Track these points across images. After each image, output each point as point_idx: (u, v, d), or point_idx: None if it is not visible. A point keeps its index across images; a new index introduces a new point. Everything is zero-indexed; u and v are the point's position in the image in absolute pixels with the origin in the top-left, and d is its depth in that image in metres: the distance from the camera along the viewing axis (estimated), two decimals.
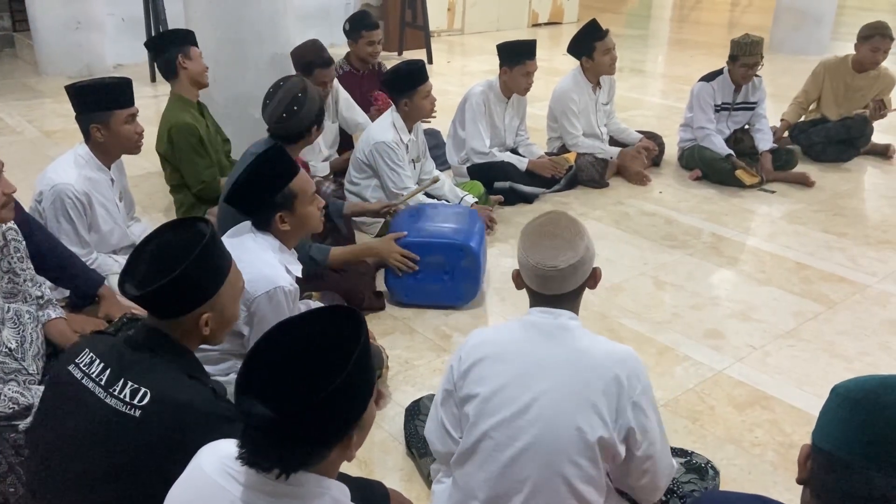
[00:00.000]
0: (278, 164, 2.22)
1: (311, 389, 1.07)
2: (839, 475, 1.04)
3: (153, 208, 4.11)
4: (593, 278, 1.73)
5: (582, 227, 1.71)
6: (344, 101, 4.22)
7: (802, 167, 4.79)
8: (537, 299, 1.73)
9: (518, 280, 1.77)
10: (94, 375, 1.49)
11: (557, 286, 1.67)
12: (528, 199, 4.30)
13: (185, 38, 3.51)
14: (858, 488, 1.02)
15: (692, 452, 2.14)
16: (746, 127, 4.81)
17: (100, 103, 2.76)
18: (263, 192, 2.18)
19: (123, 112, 2.79)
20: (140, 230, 3.10)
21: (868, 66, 4.86)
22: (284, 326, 1.20)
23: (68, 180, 2.72)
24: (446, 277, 3.12)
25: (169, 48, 3.49)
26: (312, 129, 2.89)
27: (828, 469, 1.06)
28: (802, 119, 5.20)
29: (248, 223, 2.28)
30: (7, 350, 2.06)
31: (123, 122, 2.79)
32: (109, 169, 2.91)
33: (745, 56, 4.47)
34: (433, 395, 1.95)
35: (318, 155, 4.09)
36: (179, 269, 1.47)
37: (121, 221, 2.97)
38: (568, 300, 1.70)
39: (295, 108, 2.81)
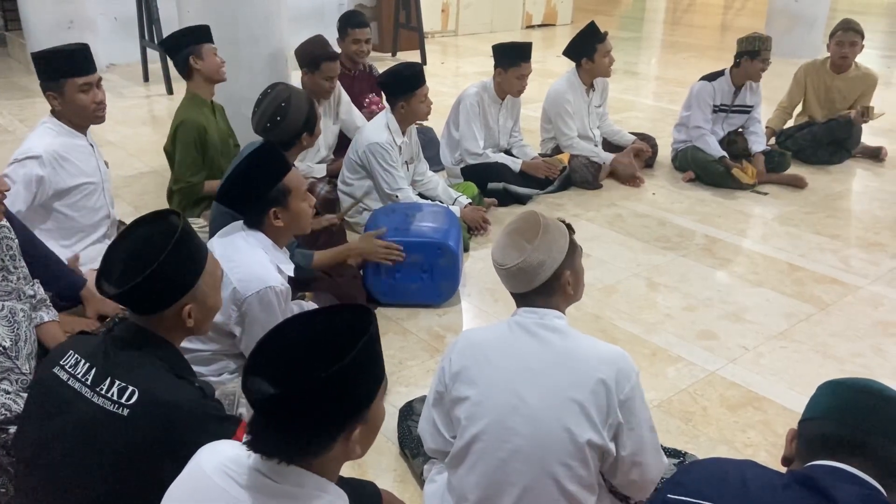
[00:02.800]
0: (272, 160, 2.22)
1: (313, 370, 1.09)
2: (813, 429, 1.26)
3: (145, 208, 4.08)
4: (562, 280, 1.70)
5: (540, 231, 1.68)
6: (345, 104, 4.21)
7: (795, 169, 4.81)
8: (514, 297, 1.76)
9: None
10: (79, 376, 1.49)
11: (514, 284, 1.71)
12: (522, 200, 4.30)
13: (198, 37, 3.47)
14: (826, 432, 1.24)
15: (685, 453, 2.15)
16: (740, 130, 4.83)
17: (53, 71, 2.71)
18: (258, 187, 2.17)
19: (77, 80, 2.72)
20: None
21: (837, 63, 4.91)
22: (297, 318, 1.23)
23: (38, 150, 2.69)
24: (425, 276, 3.12)
25: (182, 49, 3.47)
26: (302, 137, 2.87)
27: (808, 431, 1.28)
28: (790, 124, 5.23)
29: (238, 223, 2.27)
30: (1, 348, 2.04)
31: (78, 91, 2.73)
32: (85, 135, 2.87)
33: (766, 50, 4.49)
34: (426, 397, 1.95)
35: (315, 155, 4.08)
36: (156, 263, 1.47)
37: (105, 188, 2.96)
38: (538, 299, 1.71)
39: (278, 118, 2.82)
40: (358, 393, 1.16)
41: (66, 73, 2.71)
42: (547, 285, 1.69)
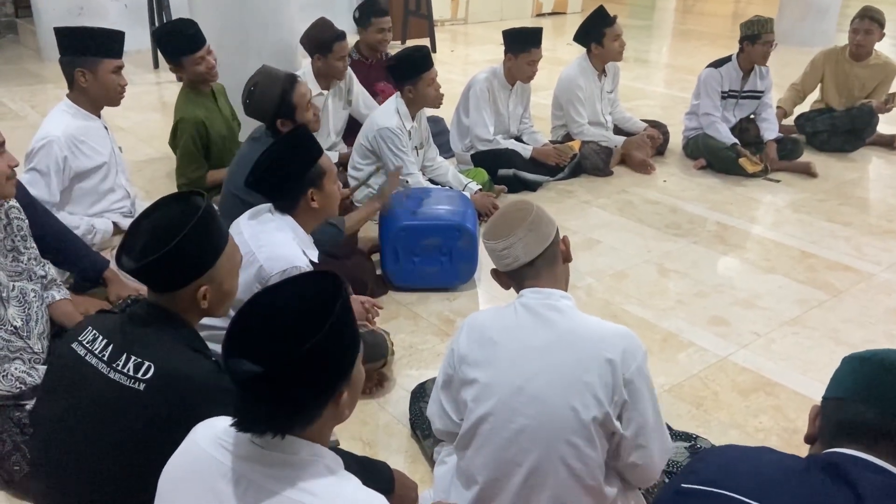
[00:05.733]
0: (305, 143, 2.22)
1: (296, 342, 1.07)
2: (838, 411, 1.20)
3: (156, 193, 4.09)
4: (562, 245, 1.76)
5: (532, 205, 1.73)
6: (361, 95, 4.19)
7: (807, 157, 4.78)
8: (515, 281, 1.75)
9: (496, 276, 1.80)
10: (97, 352, 1.50)
11: (517, 254, 1.70)
12: (532, 186, 4.29)
13: (179, 48, 3.39)
14: (850, 418, 1.18)
15: (696, 437, 2.14)
16: (752, 116, 4.80)
17: (90, 48, 2.77)
18: (294, 171, 2.18)
19: (112, 62, 2.81)
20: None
21: (853, 50, 4.88)
22: (266, 291, 1.20)
23: (56, 133, 2.74)
24: (444, 259, 3.12)
25: (166, 55, 3.51)
26: (277, 122, 2.82)
27: (831, 411, 1.22)
28: (809, 108, 5.19)
29: (265, 206, 2.27)
30: (12, 328, 2.05)
31: (110, 72, 2.81)
32: (99, 117, 2.92)
33: (767, 33, 4.46)
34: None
35: (325, 141, 4.07)
36: (174, 241, 1.47)
37: (119, 168, 3.00)
38: (543, 271, 1.71)
39: (247, 101, 2.84)
40: (342, 357, 1.15)
41: (104, 53, 2.79)
42: (550, 251, 1.71)
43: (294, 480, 1.13)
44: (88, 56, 2.77)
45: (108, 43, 2.81)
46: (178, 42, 3.41)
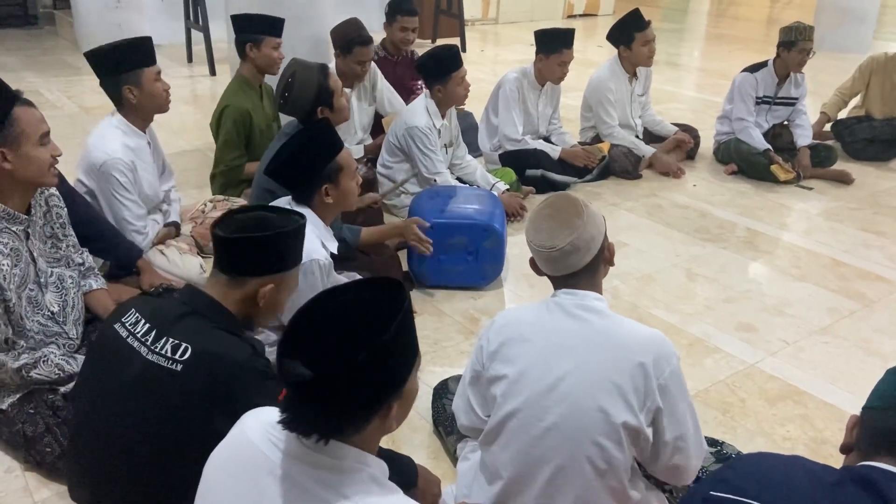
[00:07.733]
0: (326, 137, 2.24)
1: (349, 351, 1.05)
2: (876, 421, 1.19)
3: (187, 185, 4.16)
4: (606, 253, 1.72)
5: (582, 206, 1.67)
6: (386, 92, 4.20)
7: (841, 165, 4.71)
8: (554, 281, 1.73)
9: (534, 266, 1.77)
10: (139, 335, 1.54)
11: (563, 266, 1.67)
12: (560, 188, 4.27)
13: (263, 27, 3.52)
14: (889, 428, 1.16)
15: (723, 443, 2.12)
16: (786, 122, 4.74)
17: (129, 63, 2.74)
18: (312, 164, 2.20)
19: (152, 70, 2.78)
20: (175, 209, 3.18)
21: None
22: (328, 294, 1.18)
23: (115, 154, 2.70)
24: (470, 258, 3.12)
25: (244, 33, 3.56)
26: (317, 111, 2.85)
27: (870, 421, 1.20)
28: (848, 115, 5.11)
29: (286, 199, 2.29)
30: (50, 313, 2.09)
31: (154, 80, 2.78)
32: (145, 133, 2.92)
33: (805, 41, 4.38)
34: (459, 376, 1.96)
35: (352, 137, 4.10)
36: (273, 230, 1.60)
37: (155, 182, 3.03)
38: (583, 279, 1.68)
39: (286, 93, 2.85)
40: (395, 371, 1.13)
41: (142, 63, 2.76)
42: (596, 259, 1.68)
43: (338, 487, 1.12)
44: (130, 70, 2.73)
45: (143, 52, 2.78)
46: (266, 21, 3.55)
